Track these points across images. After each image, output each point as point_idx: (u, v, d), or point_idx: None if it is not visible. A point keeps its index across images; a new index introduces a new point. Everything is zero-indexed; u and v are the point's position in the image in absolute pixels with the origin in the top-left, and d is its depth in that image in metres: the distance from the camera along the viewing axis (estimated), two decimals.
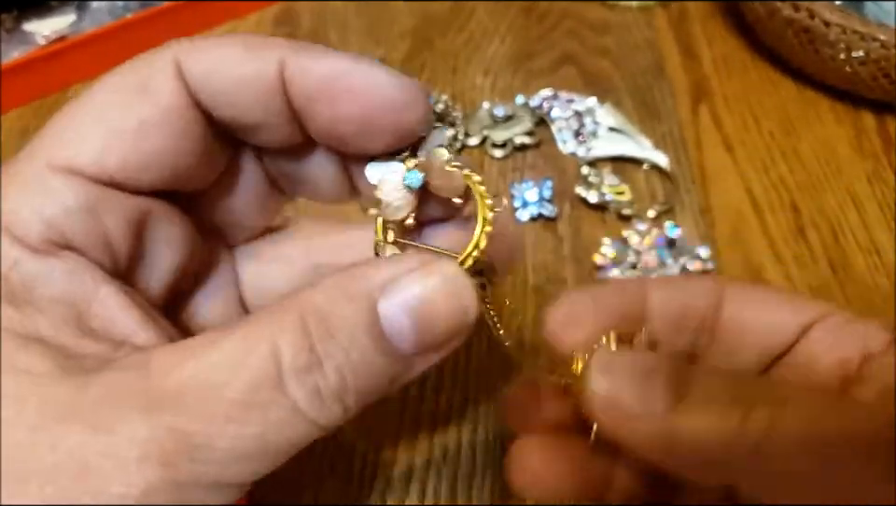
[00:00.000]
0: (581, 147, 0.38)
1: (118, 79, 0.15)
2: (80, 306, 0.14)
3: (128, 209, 0.15)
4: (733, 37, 0.46)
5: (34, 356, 0.13)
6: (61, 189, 0.14)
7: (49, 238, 0.14)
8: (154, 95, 0.15)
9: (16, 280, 0.14)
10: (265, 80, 0.15)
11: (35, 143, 0.15)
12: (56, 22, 0.45)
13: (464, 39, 0.46)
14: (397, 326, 0.13)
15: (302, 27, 0.47)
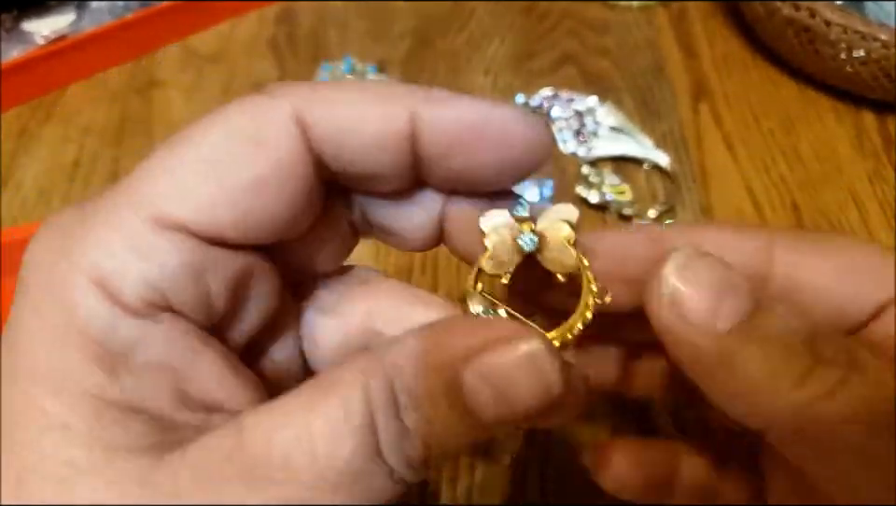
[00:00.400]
0: (582, 147, 0.38)
1: (227, 126, 0.14)
2: (179, 372, 0.13)
3: (230, 268, 0.14)
4: (733, 37, 0.46)
5: (129, 430, 0.12)
6: (166, 250, 0.13)
7: (149, 300, 0.13)
8: (271, 149, 0.14)
9: (112, 345, 0.13)
10: (395, 135, 0.14)
11: (133, 187, 0.14)
12: (56, 22, 0.45)
13: (464, 39, 0.46)
14: (479, 397, 0.13)
15: (302, 26, 0.47)
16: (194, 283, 0.14)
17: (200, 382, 0.14)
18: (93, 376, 0.12)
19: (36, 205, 0.37)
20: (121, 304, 0.13)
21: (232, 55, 0.46)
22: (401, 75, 0.44)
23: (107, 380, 0.12)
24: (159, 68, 0.45)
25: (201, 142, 0.14)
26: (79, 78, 0.44)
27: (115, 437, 0.12)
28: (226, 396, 0.14)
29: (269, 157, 0.14)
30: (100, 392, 0.12)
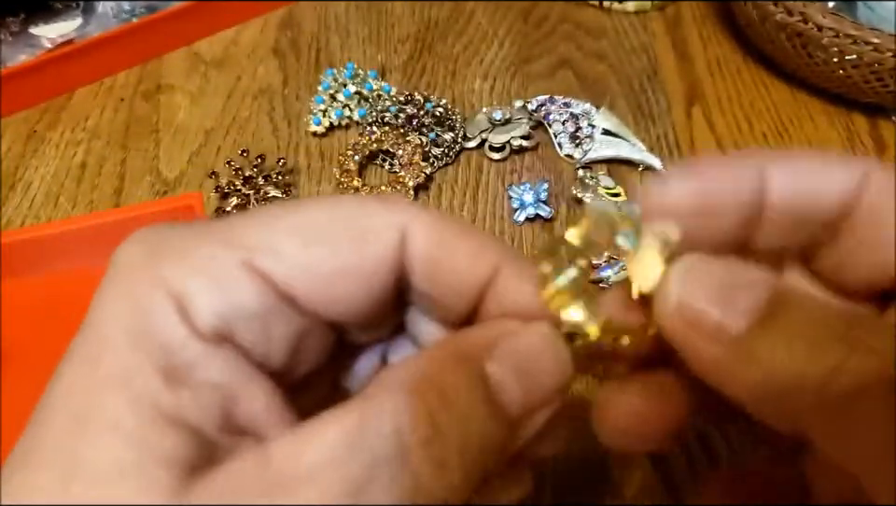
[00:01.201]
0: (578, 150, 0.39)
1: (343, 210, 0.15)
2: (231, 398, 0.14)
3: (295, 325, 0.15)
4: (726, 41, 0.46)
5: (174, 441, 0.13)
6: (247, 291, 0.14)
7: (218, 330, 0.14)
8: (373, 246, 0.15)
9: (178, 360, 0.13)
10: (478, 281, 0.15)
11: (234, 229, 0.15)
12: (62, 26, 0.45)
13: (463, 44, 0.47)
14: (505, 386, 0.14)
15: (305, 32, 0.48)
16: (261, 328, 0.14)
17: (247, 409, 0.14)
18: (154, 383, 0.13)
19: (44, 207, 0.38)
20: (192, 325, 0.13)
21: (237, 60, 0.46)
22: (401, 78, 0.45)
23: (166, 389, 0.13)
24: (165, 73, 0.46)
25: (313, 213, 0.15)
26: (86, 82, 0.45)
27: (161, 445, 0.12)
28: (270, 427, 0.14)
29: (368, 252, 0.15)
30: (156, 399, 0.13)
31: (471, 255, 0.15)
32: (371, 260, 0.15)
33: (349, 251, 0.14)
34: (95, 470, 0.12)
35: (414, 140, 0.39)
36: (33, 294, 0.33)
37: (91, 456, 0.12)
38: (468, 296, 0.15)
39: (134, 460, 0.12)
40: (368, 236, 0.15)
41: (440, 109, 0.41)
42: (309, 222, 0.15)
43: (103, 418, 0.12)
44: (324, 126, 0.41)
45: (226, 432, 0.14)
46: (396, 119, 0.40)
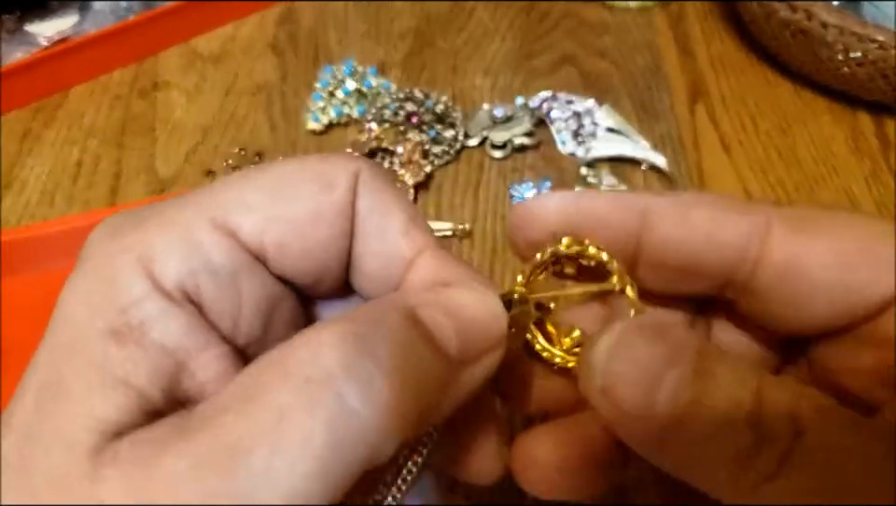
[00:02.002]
0: (580, 148, 0.39)
1: (303, 163, 0.15)
2: (182, 359, 0.14)
3: (267, 289, 0.15)
4: (730, 38, 0.46)
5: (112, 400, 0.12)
6: (212, 246, 0.14)
7: (183, 288, 0.14)
8: (336, 194, 0.15)
9: (133, 317, 0.13)
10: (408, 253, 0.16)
11: (204, 195, 0.15)
12: (59, 24, 0.45)
13: (464, 39, 0.47)
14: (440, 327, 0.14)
15: (303, 28, 0.48)
16: (229, 287, 0.14)
17: (198, 374, 0.14)
18: (101, 344, 0.13)
19: (40, 206, 0.38)
20: (156, 282, 0.13)
21: (234, 57, 0.46)
22: (401, 75, 0.44)
23: (115, 348, 0.13)
24: (161, 70, 0.45)
25: (275, 169, 0.15)
26: (82, 80, 0.44)
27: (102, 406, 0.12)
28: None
29: (332, 200, 0.15)
30: (103, 361, 0.13)
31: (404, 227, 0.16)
32: (335, 203, 0.15)
33: (315, 197, 0.15)
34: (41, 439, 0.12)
35: (414, 138, 0.38)
36: (30, 292, 0.33)
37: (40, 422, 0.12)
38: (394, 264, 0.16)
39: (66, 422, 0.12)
40: (331, 180, 0.15)
41: (440, 106, 0.40)
42: (276, 177, 0.15)
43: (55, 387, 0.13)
44: (322, 124, 0.41)
45: (172, 398, 0.13)
46: (395, 117, 0.40)
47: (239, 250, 0.14)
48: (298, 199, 0.15)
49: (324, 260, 0.15)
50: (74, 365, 0.13)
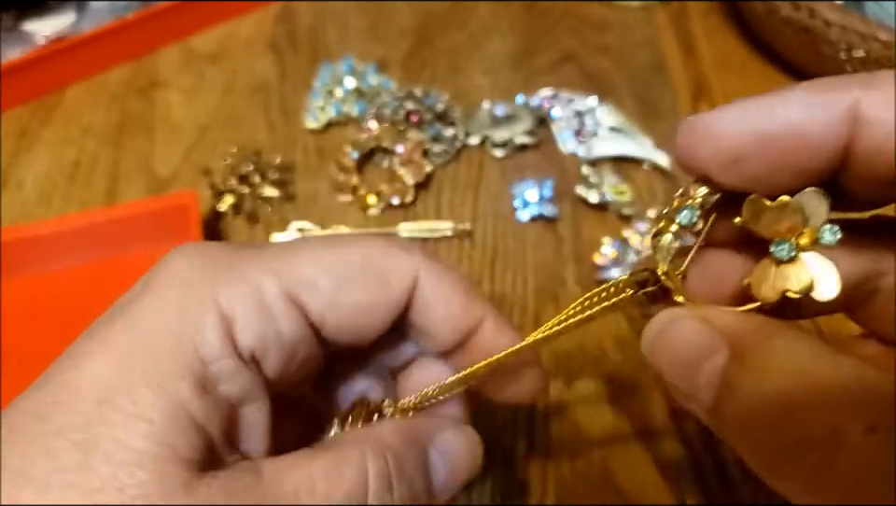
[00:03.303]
0: (582, 147, 0.38)
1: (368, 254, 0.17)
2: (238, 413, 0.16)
3: (314, 351, 0.17)
4: (732, 35, 0.46)
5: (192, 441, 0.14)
6: (284, 318, 0.16)
7: (253, 351, 0.16)
8: (390, 291, 0.17)
9: (211, 373, 0.15)
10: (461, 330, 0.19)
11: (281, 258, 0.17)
12: (56, 22, 0.44)
13: (465, 38, 0.46)
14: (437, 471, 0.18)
15: (302, 26, 0.47)
16: (287, 352, 0.16)
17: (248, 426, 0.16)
18: (186, 388, 0.14)
19: (37, 206, 0.38)
20: (233, 344, 0.15)
21: (233, 55, 0.46)
22: (402, 73, 0.44)
23: (194, 396, 0.14)
24: (159, 68, 0.45)
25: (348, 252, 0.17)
26: (80, 79, 0.44)
27: (180, 443, 0.14)
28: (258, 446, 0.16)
29: (385, 296, 0.17)
30: (184, 403, 0.14)
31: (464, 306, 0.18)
32: (390, 299, 0.17)
33: (375, 291, 0.17)
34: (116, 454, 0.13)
35: (415, 137, 0.38)
36: (28, 292, 0.33)
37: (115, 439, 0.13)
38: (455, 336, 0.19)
39: (154, 452, 0.13)
40: (391, 279, 0.17)
41: (440, 105, 0.40)
42: (344, 261, 0.17)
43: (132, 410, 0.14)
44: (321, 122, 0.40)
45: (227, 444, 0.15)
46: (395, 116, 0.39)
47: (304, 324, 0.16)
48: (361, 291, 0.17)
49: (368, 336, 0.18)
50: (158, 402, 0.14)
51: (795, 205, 0.15)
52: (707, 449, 0.27)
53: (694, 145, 0.15)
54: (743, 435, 0.14)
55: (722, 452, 0.27)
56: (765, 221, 0.15)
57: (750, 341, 0.14)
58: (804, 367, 0.13)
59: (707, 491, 0.26)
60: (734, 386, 0.14)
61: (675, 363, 0.15)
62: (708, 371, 0.14)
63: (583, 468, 0.27)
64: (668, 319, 0.15)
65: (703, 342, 0.14)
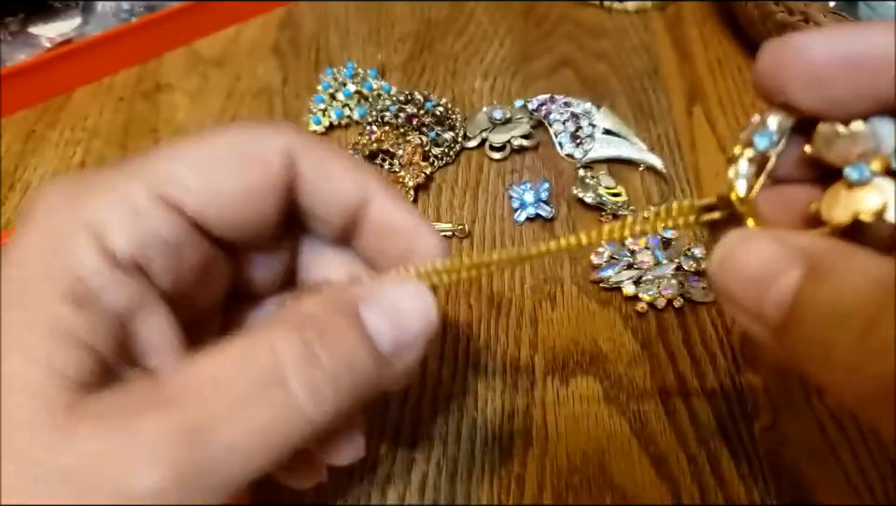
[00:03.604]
0: (578, 150, 0.39)
1: (235, 137, 0.17)
2: (130, 324, 0.15)
3: (203, 251, 0.17)
4: (727, 40, 0.46)
5: (73, 358, 0.14)
6: (159, 220, 0.16)
7: (132, 258, 0.15)
8: (266, 168, 0.17)
9: (88, 285, 0.14)
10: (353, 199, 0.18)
11: (144, 165, 0.16)
12: (61, 26, 0.45)
13: (463, 43, 0.47)
14: (377, 328, 0.16)
15: (305, 31, 0.48)
16: (172, 256, 0.16)
17: (145, 337, 0.16)
18: (60, 306, 0.14)
19: None
20: (109, 254, 0.15)
21: (237, 59, 0.46)
22: (401, 77, 0.44)
23: (71, 312, 0.14)
24: (164, 72, 0.46)
25: (210, 144, 0.17)
26: (85, 82, 0.45)
27: (59, 362, 0.13)
28: (162, 356, 0.16)
29: (262, 173, 0.17)
30: (60, 321, 0.14)
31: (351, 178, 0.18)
32: (267, 181, 0.17)
33: (248, 175, 0.17)
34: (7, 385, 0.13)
35: (415, 140, 0.39)
36: None
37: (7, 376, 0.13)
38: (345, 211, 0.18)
39: (34, 375, 0.13)
40: (263, 160, 0.17)
41: (440, 108, 0.40)
42: (209, 151, 0.16)
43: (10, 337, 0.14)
44: (324, 125, 0.41)
45: (123, 358, 0.15)
46: (396, 119, 0.40)
47: (183, 222, 0.16)
48: (232, 178, 0.16)
49: (258, 226, 0.17)
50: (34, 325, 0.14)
51: (868, 131, 0.15)
52: (703, 446, 0.28)
53: (781, 64, 0.15)
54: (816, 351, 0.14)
55: (718, 449, 0.28)
56: (837, 148, 0.15)
57: (826, 258, 0.14)
58: (883, 279, 0.13)
59: (705, 490, 0.26)
60: (810, 302, 0.14)
61: (744, 281, 0.15)
62: (781, 287, 0.14)
63: (580, 466, 0.27)
64: (740, 238, 0.15)
65: (776, 259, 0.14)
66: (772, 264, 0.14)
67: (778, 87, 0.16)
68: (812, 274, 0.14)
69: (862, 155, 0.15)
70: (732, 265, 0.15)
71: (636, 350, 0.31)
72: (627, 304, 0.32)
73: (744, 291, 0.15)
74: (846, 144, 0.15)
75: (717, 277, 0.15)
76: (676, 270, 0.32)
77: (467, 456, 0.27)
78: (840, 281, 0.13)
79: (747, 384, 0.29)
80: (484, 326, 0.32)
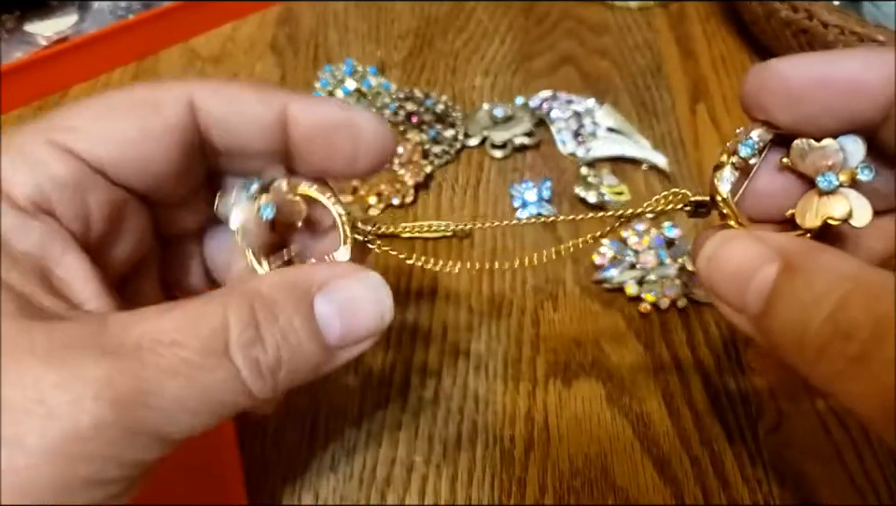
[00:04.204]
0: (581, 148, 0.39)
1: (132, 93, 0.17)
2: (47, 265, 0.16)
3: (107, 196, 0.17)
4: (731, 38, 0.46)
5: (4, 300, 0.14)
6: (55, 163, 0.16)
7: (35, 201, 0.16)
8: (160, 112, 0.17)
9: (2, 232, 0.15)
10: (271, 120, 0.18)
11: (42, 122, 0.17)
12: (58, 23, 0.45)
13: (464, 40, 0.46)
14: (328, 321, 0.16)
15: (303, 28, 0.48)
16: (76, 198, 0.16)
17: (64, 278, 0.16)
18: None
19: None
20: (11, 201, 0.16)
21: (234, 57, 0.46)
22: (401, 75, 0.44)
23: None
24: (161, 70, 0.45)
25: (106, 97, 0.17)
26: (82, 80, 0.44)
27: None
28: (86, 299, 0.16)
29: (159, 119, 0.17)
30: None
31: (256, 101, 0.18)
32: (162, 124, 0.17)
33: (141, 119, 0.17)
34: None
35: (414, 138, 0.38)
36: None
37: None
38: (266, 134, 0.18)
39: None
40: (158, 103, 0.17)
41: (440, 106, 0.40)
42: (105, 101, 0.17)
43: None
44: None
45: (51, 295, 0.15)
46: (395, 117, 0.40)
47: (79, 165, 0.16)
48: (126, 121, 0.17)
49: (162, 171, 0.18)
50: None
51: (836, 147, 0.17)
52: (706, 448, 0.27)
53: (763, 85, 0.18)
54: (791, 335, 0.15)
55: (722, 451, 0.27)
56: (810, 160, 0.18)
57: (800, 254, 0.16)
58: (851, 273, 0.15)
59: (708, 492, 0.26)
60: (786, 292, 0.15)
61: (729, 275, 0.16)
62: (760, 280, 0.16)
63: (582, 468, 0.27)
64: (724, 238, 0.17)
65: (757, 255, 0.16)
66: (753, 260, 0.16)
67: (760, 105, 0.18)
68: (787, 268, 0.15)
69: (832, 167, 0.17)
70: (717, 263, 0.17)
71: (638, 351, 0.30)
72: (630, 305, 0.32)
73: (728, 284, 0.17)
74: (817, 157, 0.17)
75: (704, 273, 0.17)
76: (679, 270, 0.32)
77: (467, 458, 0.27)
78: (811, 274, 0.15)
79: (750, 385, 0.29)
80: (486, 327, 0.31)
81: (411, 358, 0.30)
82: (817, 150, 0.17)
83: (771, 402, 0.28)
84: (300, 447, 0.28)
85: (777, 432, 0.28)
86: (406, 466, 0.27)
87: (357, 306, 0.16)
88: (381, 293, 0.17)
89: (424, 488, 0.26)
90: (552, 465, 0.27)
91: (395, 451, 0.27)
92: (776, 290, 0.15)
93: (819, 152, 0.17)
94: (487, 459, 0.27)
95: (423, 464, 0.27)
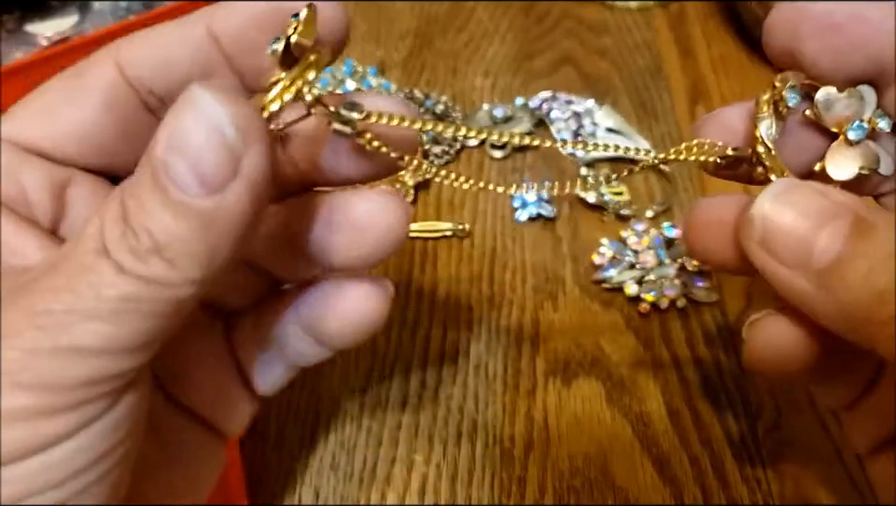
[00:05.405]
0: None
1: (61, 74, 0.18)
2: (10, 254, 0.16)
3: (46, 174, 0.17)
4: (731, 38, 0.46)
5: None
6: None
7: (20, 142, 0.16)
8: (85, 77, 0.17)
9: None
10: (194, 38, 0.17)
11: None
12: (58, 24, 0.45)
13: (464, 40, 0.47)
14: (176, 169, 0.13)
15: None
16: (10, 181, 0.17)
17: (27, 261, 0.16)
18: None
19: None
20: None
21: None
22: (401, 75, 0.44)
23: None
24: None
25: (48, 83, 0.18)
26: None
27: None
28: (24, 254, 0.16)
29: (81, 82, 0.17)
30: None
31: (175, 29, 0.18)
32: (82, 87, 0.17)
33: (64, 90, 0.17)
34: None
35: None
36: None
37: None
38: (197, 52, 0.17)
39: None
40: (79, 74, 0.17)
41: (440, 106, 0.40)
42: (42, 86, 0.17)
43: None
44: None
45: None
46: None
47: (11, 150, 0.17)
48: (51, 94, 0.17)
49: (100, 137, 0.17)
50: None
51: (860, 94, 0.17)
52: (706, 448, 0.27)
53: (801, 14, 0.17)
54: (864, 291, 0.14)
55: (722, 451, 0.27)
56: (836, 111, 0.17)
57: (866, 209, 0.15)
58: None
59: (708, 492, 0.26)
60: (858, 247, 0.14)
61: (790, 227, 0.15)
62: (832, 232, 0.15)
63: (582, 468, 0.27)
64: (787, 186, 0.16)
65: (824, 208, 0.15)
66: (820, 213, 0.15)
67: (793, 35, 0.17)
68: (859, 222, 0.15)
69: (852, 117, 0.17)
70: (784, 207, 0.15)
71: (638, 351, 0.30)
72: (630, 305, 0.32)
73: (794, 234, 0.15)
74: (842, 106, 0.17)
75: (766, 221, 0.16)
76: (679, 270, 0.32)
77: (467, 458, 0.27)
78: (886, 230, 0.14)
79: (750, 385, 0.29)
80: (485, 326, 0.31)
81: (411, 358, 0.30)
82: (842, 100, 0.17)
83: (771, 402, 0.29)
84: (300, 447, 0.28)
85: (777, 432, 0.28)
86: (406, 465, 0.27)
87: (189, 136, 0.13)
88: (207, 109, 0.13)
89: (424, 487, 0.26)
90: (551, 464, 0.27)
91: (395, 450, 0.27)
92: (849, 245, 0.14)
93: (844, 102, 0.17)
94: (487, 459, 0.27)
95: (423, 463, 0.27)
